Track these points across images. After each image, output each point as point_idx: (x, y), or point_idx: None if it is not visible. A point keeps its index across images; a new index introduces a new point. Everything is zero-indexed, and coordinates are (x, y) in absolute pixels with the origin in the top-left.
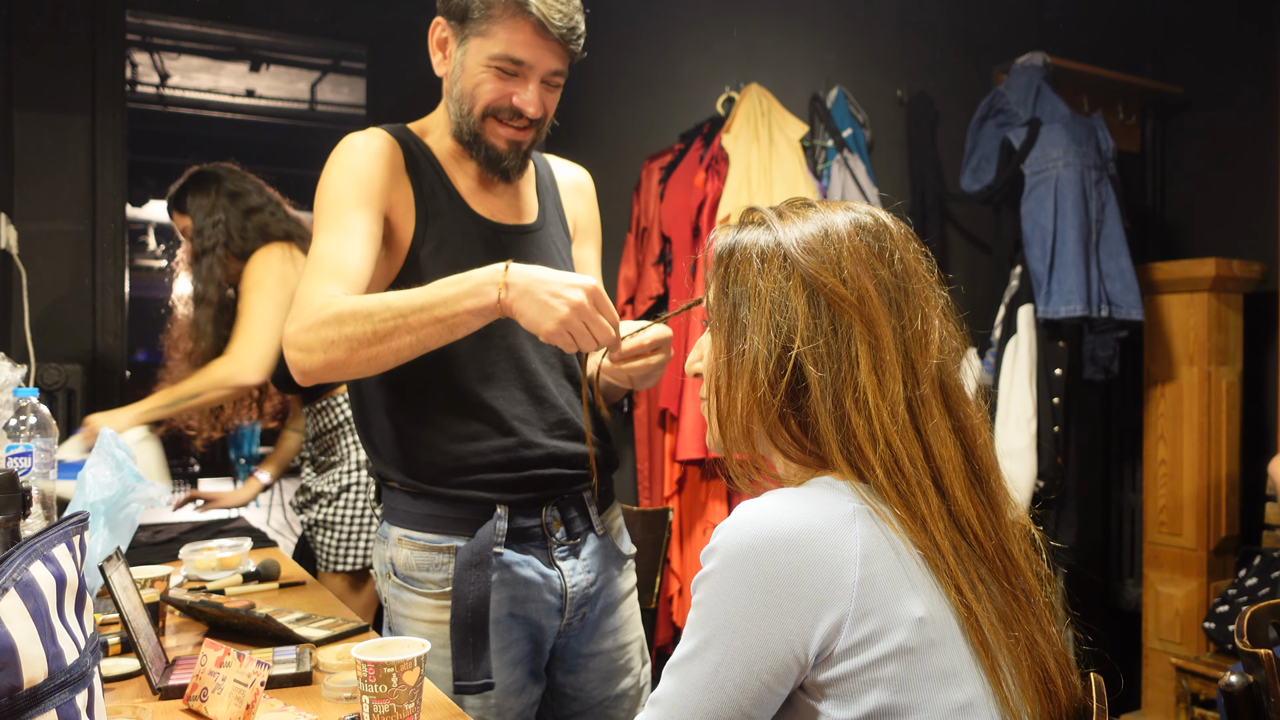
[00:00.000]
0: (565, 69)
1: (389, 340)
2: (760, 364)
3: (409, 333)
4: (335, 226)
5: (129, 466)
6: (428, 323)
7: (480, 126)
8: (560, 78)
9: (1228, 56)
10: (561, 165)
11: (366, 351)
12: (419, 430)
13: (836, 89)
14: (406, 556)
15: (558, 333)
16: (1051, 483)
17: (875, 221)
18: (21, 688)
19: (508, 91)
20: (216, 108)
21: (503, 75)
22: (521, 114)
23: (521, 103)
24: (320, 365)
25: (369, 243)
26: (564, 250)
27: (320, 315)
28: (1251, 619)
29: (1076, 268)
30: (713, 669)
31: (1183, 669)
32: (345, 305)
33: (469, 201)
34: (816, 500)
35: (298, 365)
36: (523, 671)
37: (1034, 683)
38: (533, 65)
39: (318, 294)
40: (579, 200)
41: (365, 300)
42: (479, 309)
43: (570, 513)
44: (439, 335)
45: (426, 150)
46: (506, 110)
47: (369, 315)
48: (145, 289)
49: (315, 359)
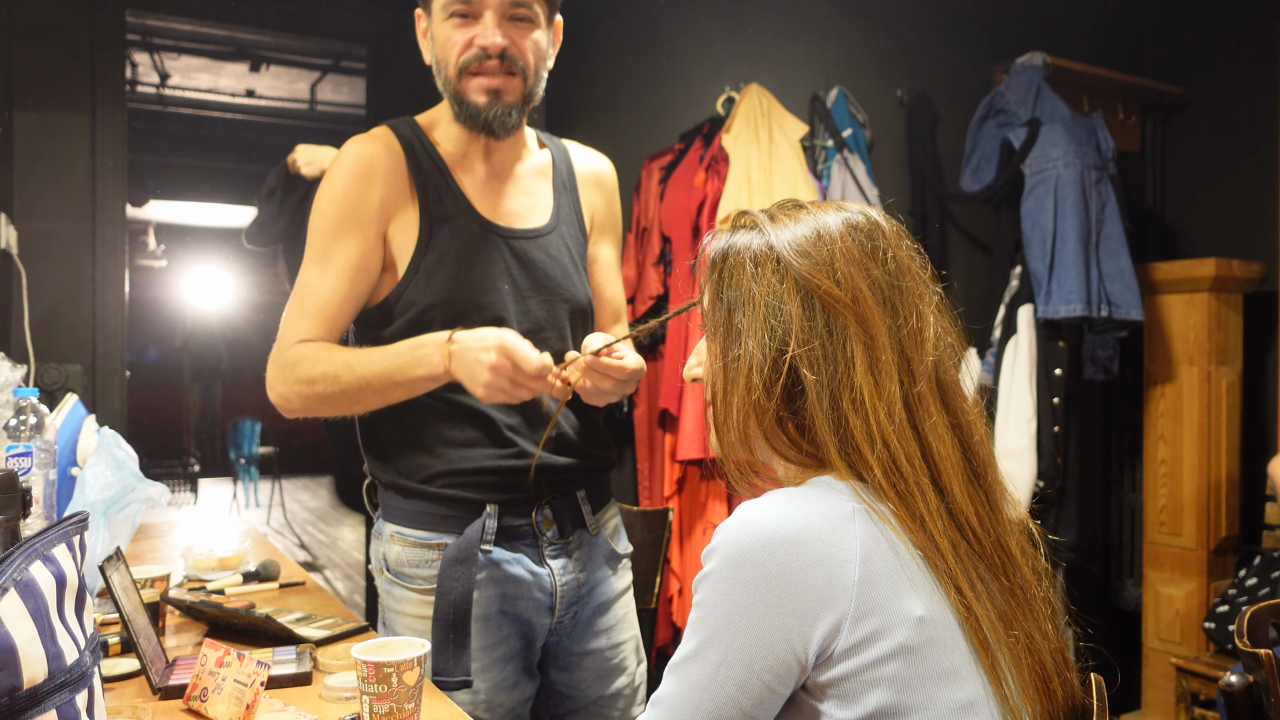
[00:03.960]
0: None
1: (357, 399)
2: (755, 368)
3: (374, 393)
4: (321, 258)
5: (129, 466)
6: (388, 387)
7: (459, 86)
8: (524, 9)
9: (1228, 56)
10: (581, 155)
11: (338, 405)
12: (413, 435)
13: (836, 89)
14: (398, 552)
15: (489, 396)
16: (1051, 483)
17: (867, 220)
18: (21, 688)
19: (470, 37)
20: (216, 108)
21: (462, 23)
22: (489, 54)
23: (482, 40)
24: (299, 410)
25: (352, 278)
26: (576, 252)
27: (294, 372)
28: (1251, 619)
29: (1076, 268)
30: (714, 669)
31: (1183, 669)
32: (315, 367)
33: (476, 204)
34: (816, 500)
35: (280, 408)
36: (514, 668)
37: (1033, 681)
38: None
39: (294, 337)
40: (597, 194)
41: (332, 360)
42: (429, 376)
43: (562, 512)
44: (400, 395)
45: (432, 149)
46: (475, 59)
47: (335, 378)
48: (145, 289)
49: (294, 406)
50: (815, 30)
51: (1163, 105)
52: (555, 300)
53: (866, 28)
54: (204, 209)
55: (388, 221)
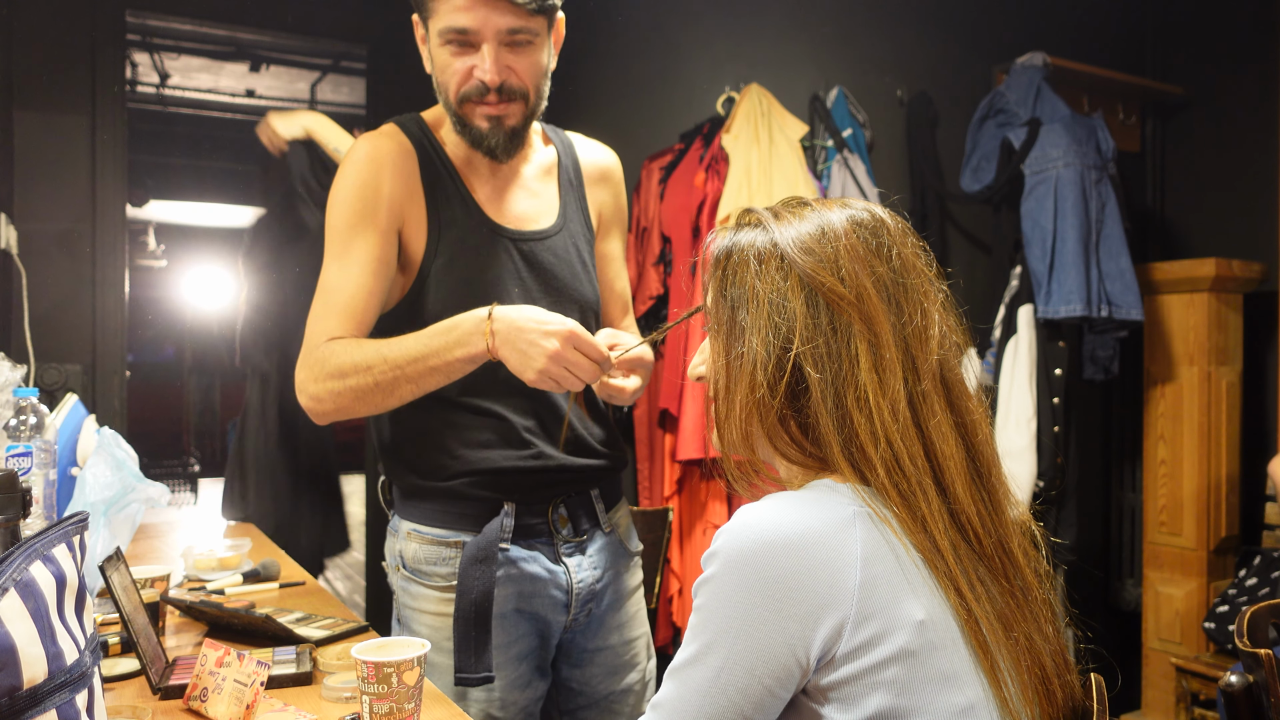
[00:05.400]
0: (527, 24)
1: (392, 389)
2: (759, 366)
3: (409, 381)
4: (341, 254)
5: (129, 466)
6: (424, 372)
7: (461, 111)
8: (523, 35)
9: (1228, 56)
10: (587, 149)
11: (372, 400)
12: (430, 435)
13: (836, 89)
14: (415, 550)
15: (539, 381)
16: (1051, 482)
17: (872, 218)
18: (21, 688)
19: (469, 67)
20: (216, 108)
21: (459, 50)
22: (489, 88)
23: (480, 73)
24: (332, 412)
25: (374, 270)
26: (585, 250)
27: (324, 368)
28: (1251, 619)
29: (1076, 268)
30: (714, 673)
31: (1183, 669)
32: (345, 359)
33: (484, 207)
34: (817, 504)
35: (312, 412)
36: (528, 666)
37: (1033, 684)
38: (479, 29)
39: (321, 336)
40: (604, 190)
41: (364, 352)
42: (469, 357)
43: (577, 510)
44: (437, 381)
45: (440, 150)
46: (475, 91)
47: (368, 369)
48: (145, 289)
49: (326, 407)
50: (815, 30)
51: (1163, 105)
52: (565, 302)
53: (866, 28)
54: (204, 209)
55: (401, 218)
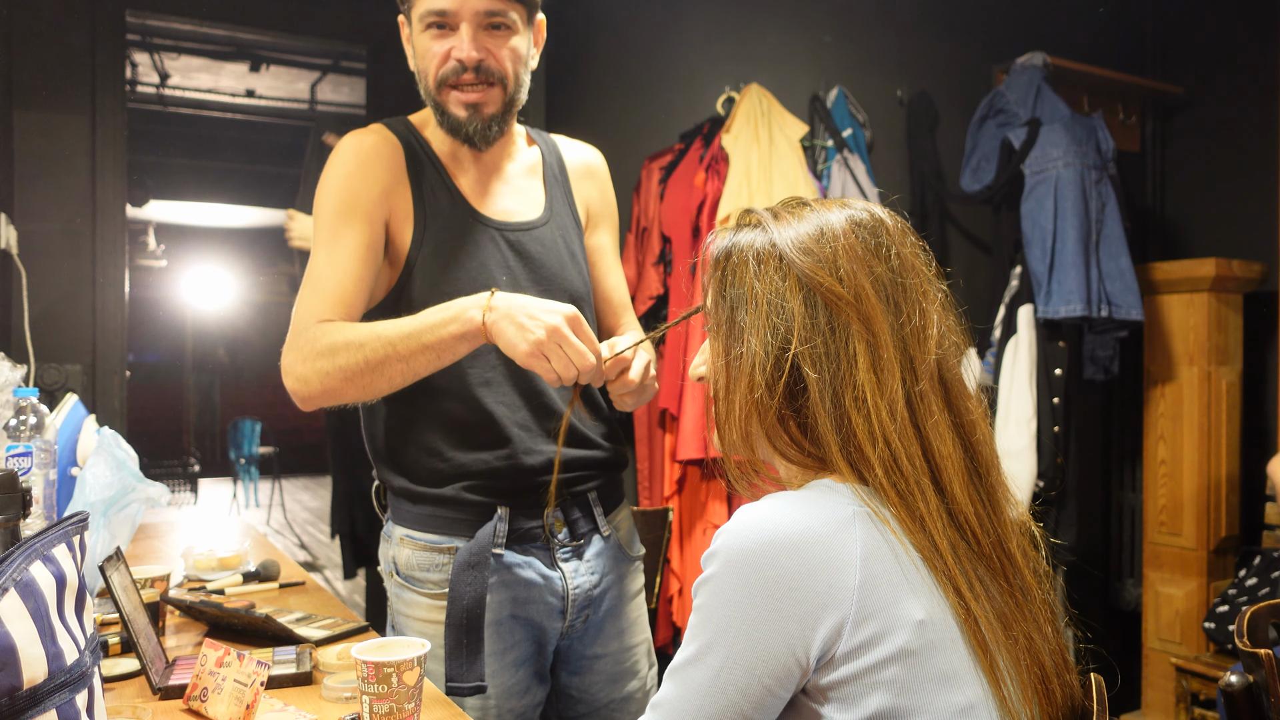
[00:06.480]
0: (505, 8)
1: (381, 369)
2: (758, 366)
3: (400, 361)
4: (329, 243)
5: (129, 466)
6: (416, 350)
7: (439, 98)
8: (500, 18)
9: (1228, 56)
10: (571, 148)
11: (361, 381)
12: (420, 436)
13: (836, 89)
14: (408, 556)
15: (532, 354)
16: (1051, 482)
17: (871, 218)
18: (21, 688)
19: (447, 49)
20: (216, 108)
21: (439, 34)
22: (465, 66)
23: (458, 53)
24: (318, 394)
25: (363, 258)
26: (573, 243)
27: (314, 346)
28: (1251, 619)
29: (1076, 268)
30: (714, 673)
31: (1183, 669)
32: (337, 336)
33: (471, 200)
34: (816, 503)
35: (296, 394)
36: (526, 673)
37: (1033, 683)
38: (457, 10)
39: (310, 319)
40: (590, 185)
41: (356, 330)
42: (463, 334)
43: (574, 514)
44: (429, 362)
45: (426, 146)
46: (452, 72)
47: (360, 345)
48: (145, 289)
49: (313, 388)
50: (815, 30)
51: (1163, 105)
52: (554, 291)
53: (866, 28)
54: (204, 209)
55: (388, 209)
